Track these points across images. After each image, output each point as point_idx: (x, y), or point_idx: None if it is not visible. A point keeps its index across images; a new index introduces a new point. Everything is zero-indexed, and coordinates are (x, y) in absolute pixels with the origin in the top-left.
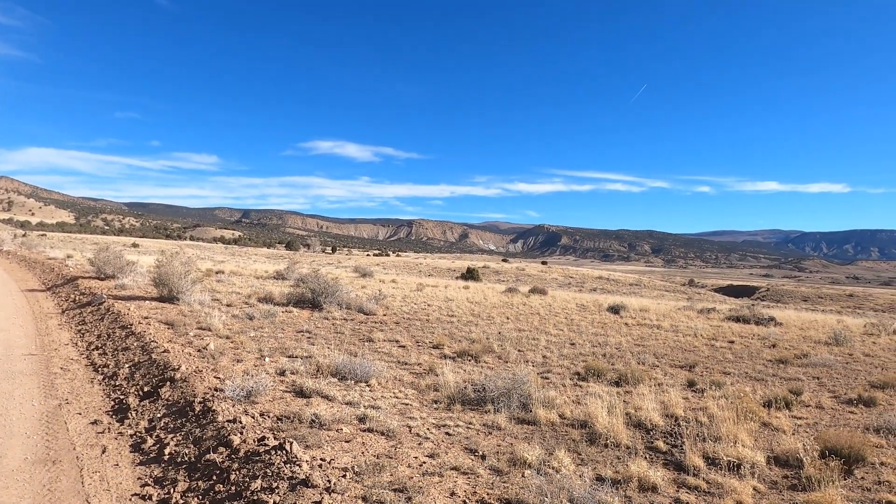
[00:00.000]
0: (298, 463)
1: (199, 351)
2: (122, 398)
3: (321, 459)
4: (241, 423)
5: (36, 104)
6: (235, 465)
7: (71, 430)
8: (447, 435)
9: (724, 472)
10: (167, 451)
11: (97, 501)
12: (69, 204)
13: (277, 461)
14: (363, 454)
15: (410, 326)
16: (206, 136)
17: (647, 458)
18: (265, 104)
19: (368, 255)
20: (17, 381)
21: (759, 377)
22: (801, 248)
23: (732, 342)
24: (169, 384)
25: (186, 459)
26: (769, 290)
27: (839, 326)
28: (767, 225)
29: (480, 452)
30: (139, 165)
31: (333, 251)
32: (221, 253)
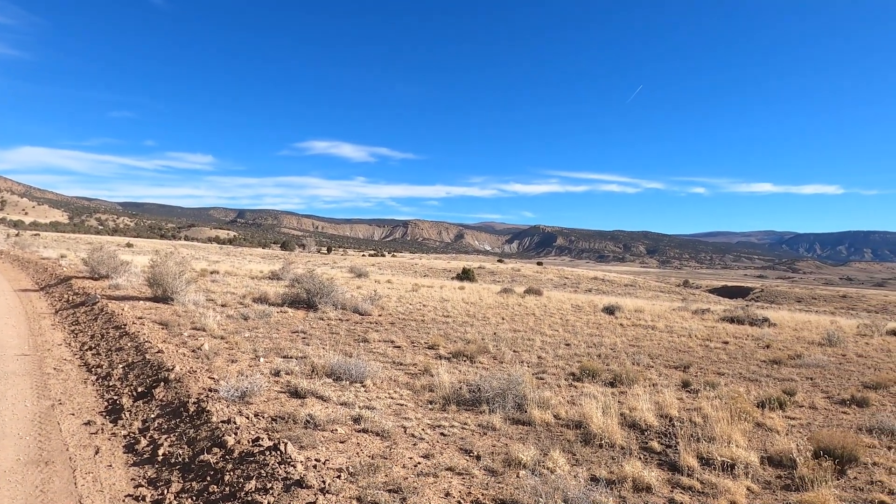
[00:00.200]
0: (293, 463)
1: (193, 351)
2: (115, 399)
3: (316, 460)
4: (235, 423)
5: (30, 103)
6: (230, 465)
7: (64, 430)
8: (442, 435)
9: (718, 472)
10: (161, 451)
11: (90, 502)
12: (63, 203)
13: (272, 462)
14: (358, 455)
15: (406, 327)
16: (201, 135)
17: (641, 458)
18: (261, 104)
19: (364, 255)
20: (9, 381)
21: (753, 378)
22: (794, 249)
23: (727, 343)
24: (163, 385)
25: (180, 460)
26: (763, 290)
27: (832, 327)
28: (762, 226)
29: (475, 453)
30: (134, 165)
31: (329, 251)
32: (216, 253)
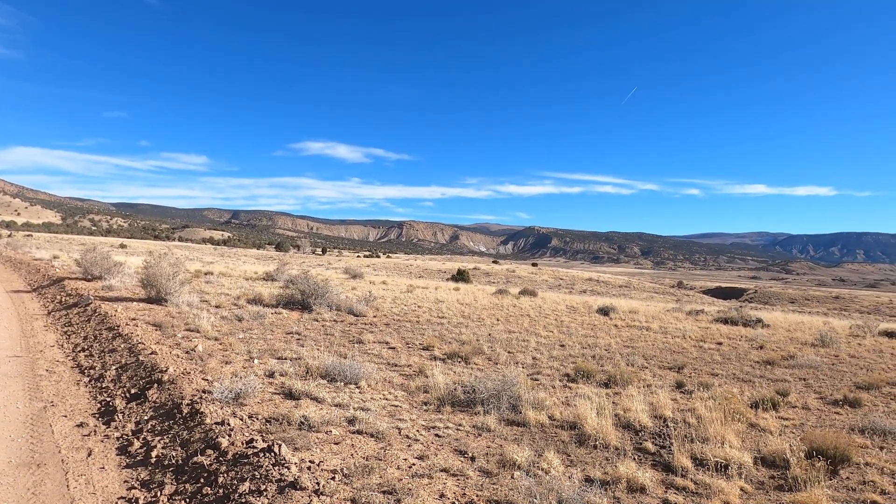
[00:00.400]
0: (287, 465)
1: (187, 353)
2: (108, 400)
3: (310, 462)
4: (229, 425)
5: (22, 103)
6: (223, 467)
7: (56, 432)
8: (437, 437)
9: (711, 472)
10: (154, 453)
11: None
12: (56, 204)
13: (266, 464)
14: (352, 456)
15: (400, 328)
16: (195, 136)
17: (635, 459)
18: (255, 104)
19: (359, 256)
20: (1, 383)
21: (746, 378)
22: (788, 250)
23: (720, 344)
24: (156, 386)
25: (174, 462)
26: (757, 291)
27: (825, 328)
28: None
29: (470, 454)
30: (127, 165)
31: (324, 252)
32: (210, 254)
